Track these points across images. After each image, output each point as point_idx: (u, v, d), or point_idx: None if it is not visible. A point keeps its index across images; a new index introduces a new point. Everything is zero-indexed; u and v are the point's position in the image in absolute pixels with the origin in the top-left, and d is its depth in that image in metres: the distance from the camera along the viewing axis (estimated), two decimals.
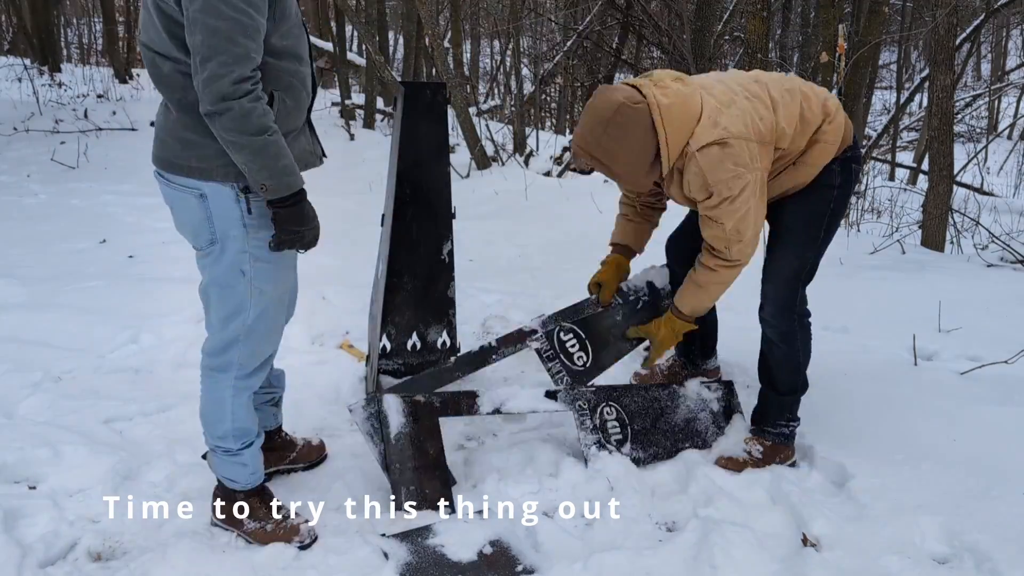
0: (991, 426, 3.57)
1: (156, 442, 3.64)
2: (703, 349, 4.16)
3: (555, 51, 17.88)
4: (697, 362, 4.18)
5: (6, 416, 3.81)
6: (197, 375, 4.25)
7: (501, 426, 3.89)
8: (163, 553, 2.84)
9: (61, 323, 4.83)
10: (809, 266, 3.44)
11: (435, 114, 3.83)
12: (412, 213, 3.91)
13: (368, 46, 12.75)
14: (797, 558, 2.86)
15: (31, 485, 3.25)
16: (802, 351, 3.51)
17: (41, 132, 12.09)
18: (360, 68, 17.44)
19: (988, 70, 32.21)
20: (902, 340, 4.61)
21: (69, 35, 28.90)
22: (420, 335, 4.21)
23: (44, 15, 18.31)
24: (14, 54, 21.31)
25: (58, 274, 5.86)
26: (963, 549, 2.87)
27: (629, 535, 3.06)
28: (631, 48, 17.91)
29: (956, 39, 8.80)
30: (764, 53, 10.18)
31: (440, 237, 4.02)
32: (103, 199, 8.70)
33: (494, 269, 4.57)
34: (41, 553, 2.85)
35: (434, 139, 3.85)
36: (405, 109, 3.78)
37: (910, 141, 22.95)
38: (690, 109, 3.09)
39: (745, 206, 3.12)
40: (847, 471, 3.31)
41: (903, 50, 21.40)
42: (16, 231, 7.27)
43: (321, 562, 2.88)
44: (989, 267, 6.45)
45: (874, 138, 15.91)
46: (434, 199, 3.94)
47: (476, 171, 10.30)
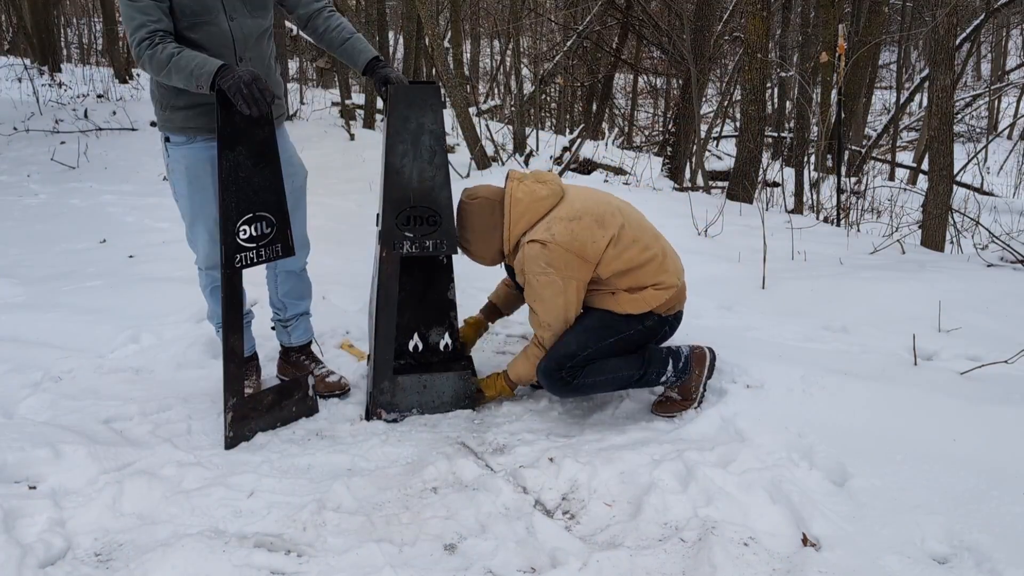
0: (991, 426, 3.57)
1: (156, 442, 3.65)
2: None
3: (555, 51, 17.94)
4: None
5: (6, 416, 3.83)
6: (197, 375, 4.31)
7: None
8: (163, 553, 2.84)
9: (61, 323, 4.85)
10: (582, 357, 3.84)
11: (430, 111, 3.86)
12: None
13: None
14: (797, 558, 2.86)
15: (31, 485, 3.24)
16: (607, 378, 3.93)
17: (41, 132, 12.13)
18: None
19: (988, 70, 32.33)
20: (902, 340, 4.61)
21: (69, 35, 28.99)
22: (421, 336, 4.22)
23: (44, 15, 18.36)
24: (14, 54, 21.40)
25: (58, 274, 5.88)
26: (963, 549, 2.87)
27: (628, 534, 3.06)
28: (631, 48, 17.96)
29: (956, 39, 8.83)
30: (764, 53, 10.20)
31: None
32: (103, 199, 8.73)
33: (494, 269, 4.57)
34: (41, 553, 2.85)
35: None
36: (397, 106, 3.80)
37: (910, 141, 23.02)
38: (536, 208, 3.82)
39: (551, 301, 3.76)
40: (847, 471, 3.30)
41: (903, 50, 21.44)
42: (16, 231, 7.29)
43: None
44: (989, 267, 6.45)
45: (874, 138, 15.96)
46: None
47: (476, 171, 10.33)
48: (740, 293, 5.64)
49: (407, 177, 3.83)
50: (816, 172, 10.97)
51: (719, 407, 3.87)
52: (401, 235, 3.87)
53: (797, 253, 6.72)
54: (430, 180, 3.85)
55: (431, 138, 3.82)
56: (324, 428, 3.96)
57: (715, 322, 5.10)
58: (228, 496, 3.26)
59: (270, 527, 3.09)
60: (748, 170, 10.46)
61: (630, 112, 20.81)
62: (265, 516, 3.15)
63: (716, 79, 20.22)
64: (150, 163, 10.79)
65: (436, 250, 3.92)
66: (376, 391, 4.04)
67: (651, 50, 18.31)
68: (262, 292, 4.57)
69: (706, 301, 5.28)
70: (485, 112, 16.53)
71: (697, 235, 7.37)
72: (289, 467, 3.56)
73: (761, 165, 10.96)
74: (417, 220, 3.86)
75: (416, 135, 3.80)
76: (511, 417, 4.10)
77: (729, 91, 16.78)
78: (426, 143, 3.81)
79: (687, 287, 4.15)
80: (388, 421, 4.03)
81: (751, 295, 5.64)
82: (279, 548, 2.98)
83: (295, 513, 3.16)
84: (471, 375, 4.15)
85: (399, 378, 4.05)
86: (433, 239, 3.90)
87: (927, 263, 6.56)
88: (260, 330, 4.51)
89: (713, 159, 15.21)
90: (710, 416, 3.83)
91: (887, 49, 23.80)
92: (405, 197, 3.85)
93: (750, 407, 3.81)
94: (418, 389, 4.08)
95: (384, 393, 4.05)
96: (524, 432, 3.91)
